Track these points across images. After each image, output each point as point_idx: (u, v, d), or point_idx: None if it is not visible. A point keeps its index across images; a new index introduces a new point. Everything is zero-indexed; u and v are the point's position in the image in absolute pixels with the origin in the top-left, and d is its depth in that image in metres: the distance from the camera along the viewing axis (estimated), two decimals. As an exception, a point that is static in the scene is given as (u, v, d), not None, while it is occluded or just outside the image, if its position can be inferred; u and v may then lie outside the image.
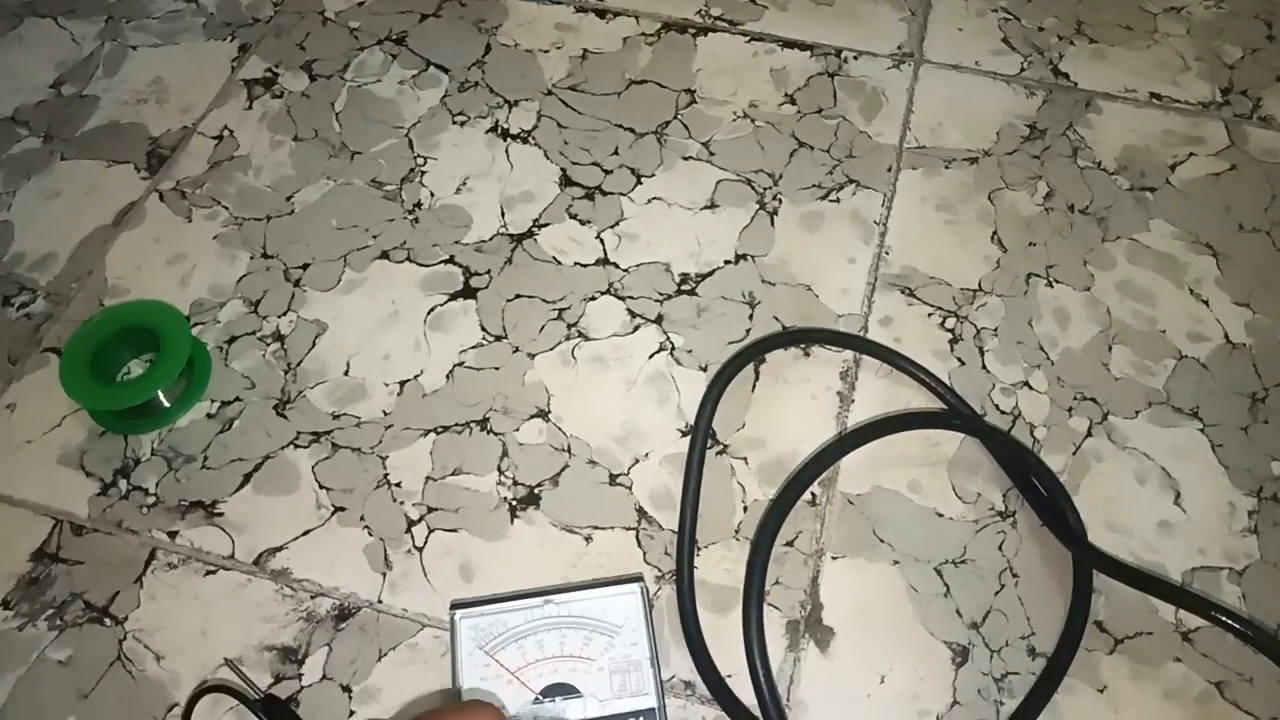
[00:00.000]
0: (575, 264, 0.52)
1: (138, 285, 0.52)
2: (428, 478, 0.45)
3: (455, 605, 0.39)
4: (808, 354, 0.49)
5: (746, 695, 0.39)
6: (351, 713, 0.39)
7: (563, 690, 0.36)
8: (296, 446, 0.46)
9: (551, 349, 0.49)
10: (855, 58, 0.60)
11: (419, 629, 0.41)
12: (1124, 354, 0.48)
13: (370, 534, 0.44)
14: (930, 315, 0.50)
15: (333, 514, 0.44)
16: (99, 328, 0.47)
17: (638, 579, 0.40)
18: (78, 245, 0.53)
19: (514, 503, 0.44)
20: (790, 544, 0.43)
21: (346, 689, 0.40)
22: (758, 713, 0.38)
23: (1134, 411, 0.47)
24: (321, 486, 0.45)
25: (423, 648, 0.41)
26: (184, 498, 0.45)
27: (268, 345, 0.49)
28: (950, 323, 0.50)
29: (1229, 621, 0.38)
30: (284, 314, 0.50)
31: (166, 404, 0.47)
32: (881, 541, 0.43)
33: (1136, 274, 0.51)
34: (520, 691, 0.36)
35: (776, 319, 0.50)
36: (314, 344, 0.49)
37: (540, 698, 0.36)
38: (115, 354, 0.48)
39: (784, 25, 0.61)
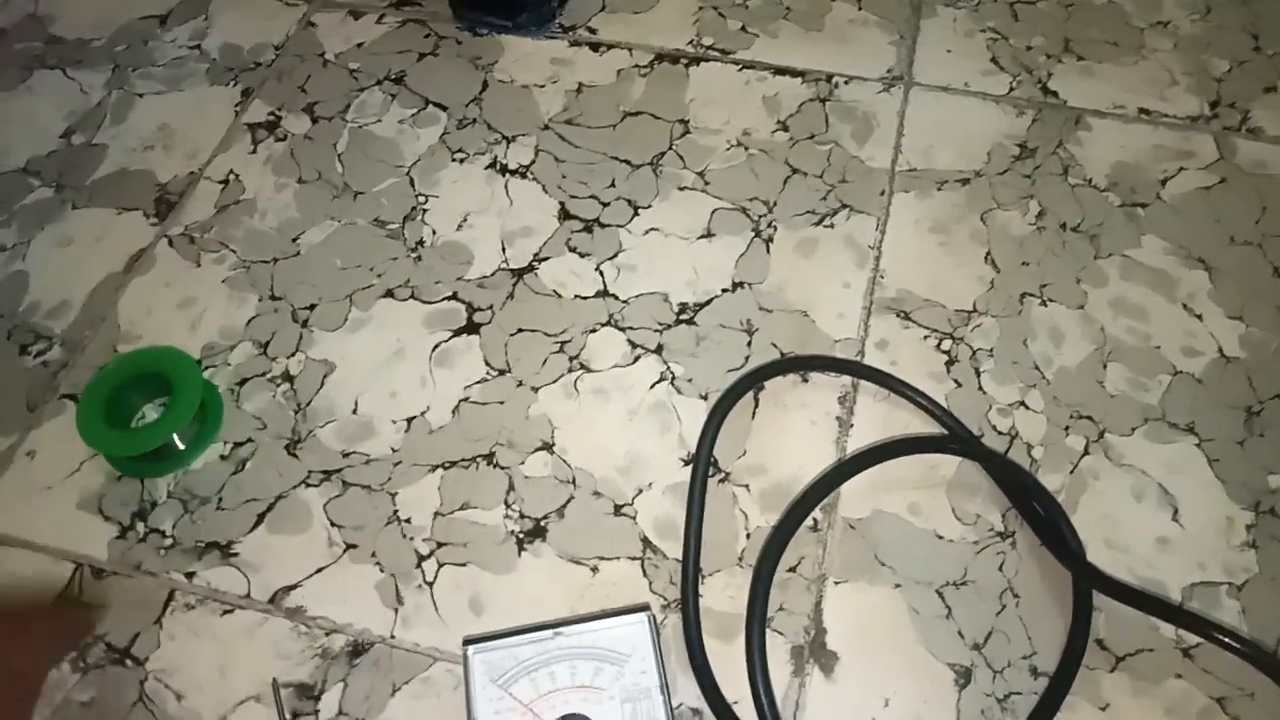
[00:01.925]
0: (575, 296, 0.53)
1: (150, 330, 0.53)
2: (436, 513, 0.46)
3: (468, 641, 0.40)
4: (806, 380, 0.49)
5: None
6: (367, 748, 0.40)
7: (575, 721, 0.37)
8: (308, 485, 0.47)
9: (554, 382, 0.50)
10: (846, 82, 0.61)
11: (431, 663, 0.42)
12: (1119, 371, 0.49)
13: (381, 570, 0.45)
14: (926, 337, 0.51)
15: (344, 551, 0.45)
16: (113, 374, 0.48)
17: (645, 608, 0.41)
18: (90, 292, 0.55)
19: (521, 536, 0.45)
20: (793, 570, 0.44)
21: (362, 725, 0.41)
22: (764, 739, 0.39)
23: (1130, 428, 0.47)
24: (333, 524, 0.46)
25: (435, 681, 0.42)
26: (200, 539, 0.46)
27: (278, 386, 0.50)
28: (946, 344, 0.50)
29: (1226, 640, 0.38)
30: (292, 354, 0.51)
31: (181, 447, 0.48)
32: (883, 565, 0.44)
33: (1129, 290, 0.52)
34: (532, 725, 0.37)
35: (774, 346, 0.51)
36: (322, 383, 0.50)
37: (553, 728, 0.37)
38: (130, 400, 0.49)
39: (775, 53, 0.62)
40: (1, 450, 0.49)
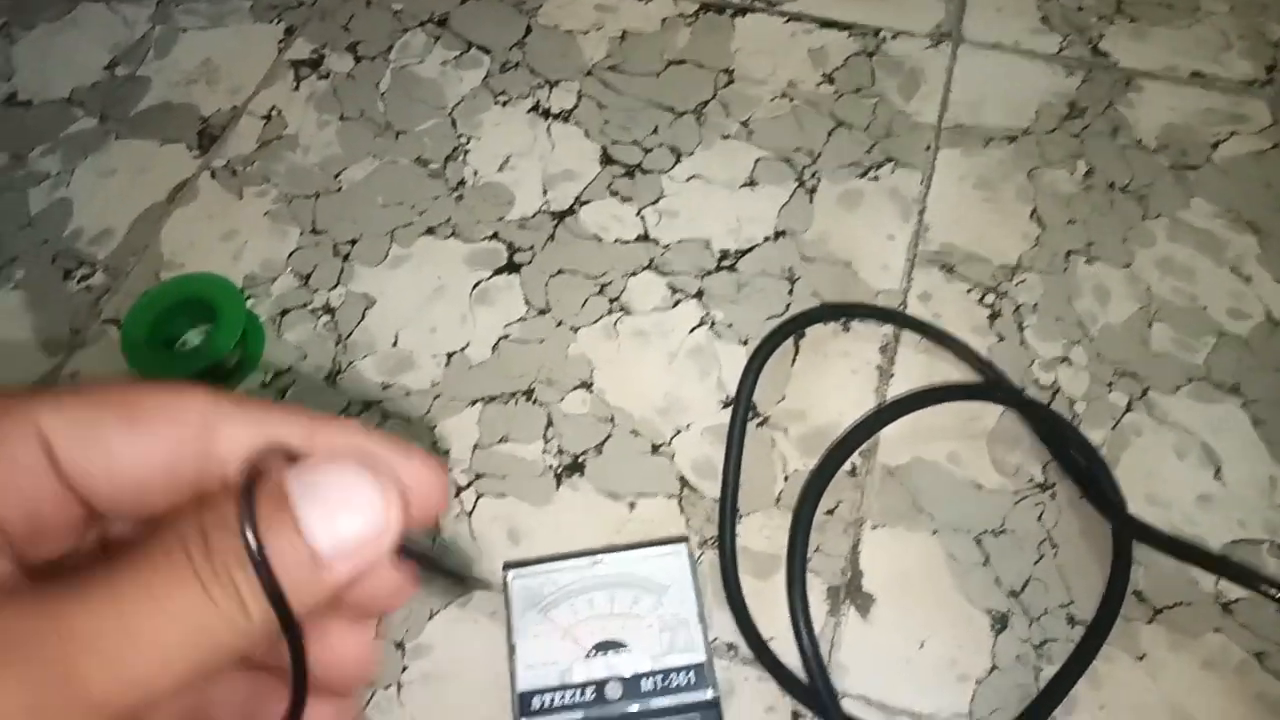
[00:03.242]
0: (616, 240, 0.53)
1: (192, 260, 0.53)
2: (475, 445, 0.46)
3: (508, 565, 0.40)
4: (847, 329, 0.49)
5: (788, 657, 0.40)
6: (404, 668, 0.41)
7: (614, 645, 0.37)
8: (348, 415, 0.47)
9: (594, 323, 0.50)
10: (893, 37, 0.60)
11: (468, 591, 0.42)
12: (1164, 331, 0.49)
13: (420, 499, 0.45)
14: (969, 291, 0.50)
15: (384, 480, 0.45)
16: (157, 299, 0.49)
17: (684, 540, 0.41)
18: (134, 221, 0.55)
19: (559, 470, 0.45)
20: (831, 513, 0.44)
21: (400, 645, 0.41)
22: (800, 674, 0.39)
23: (1174, 387, 0.47)
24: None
25: (473, 607, 0.42)
26: (240, 463, 0.46)
27: (318, 318, 0.51)
28: (989, 299, 0.50)
29: (1273, 591, 0.38)
30: (334, 288, 0.52)
31: (225, 369, 0.48)
32: (921, 511, 0.44)
33: (1177, 251, 0.51)
34: (572, 647, 0.38)
35: (816, 295, 0.50)
36: (363, 317, 0.51)
37: (593, 651, 0.37)
38: (173, 325, 0.49)
39: (821, 5, 0.62)
40: (45, 371, 0.50)
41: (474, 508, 0.45)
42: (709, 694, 0.36)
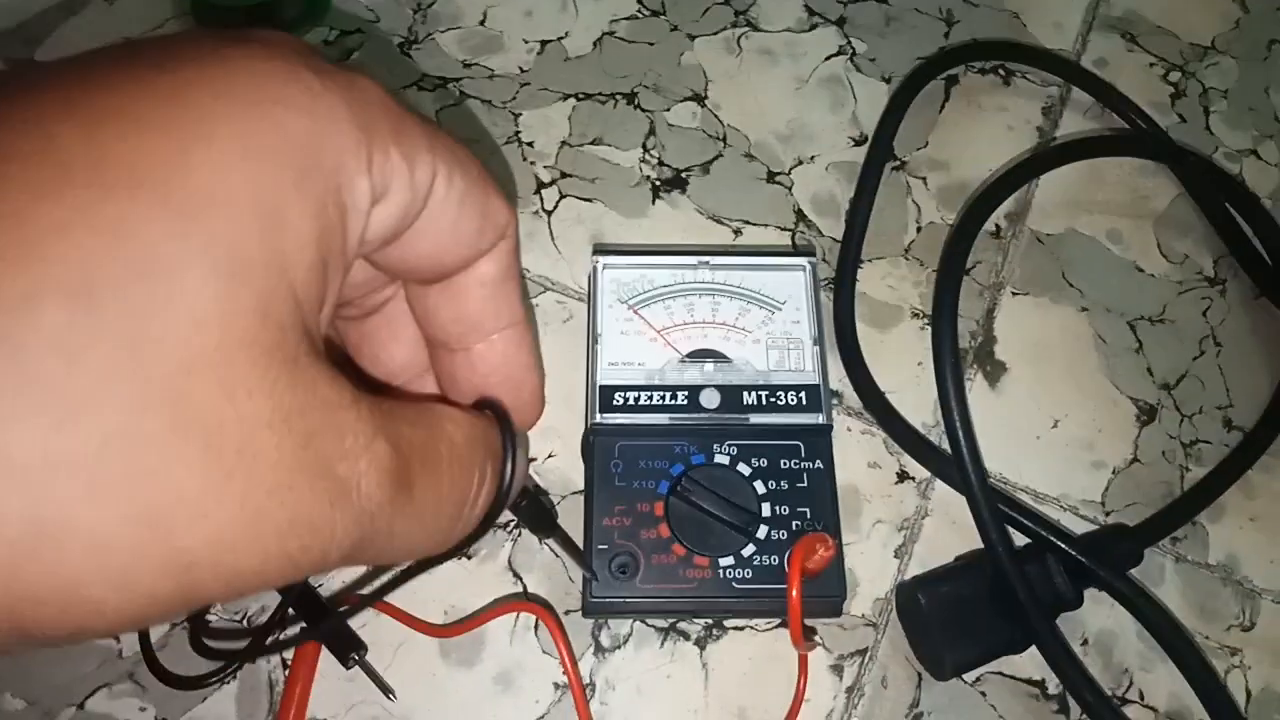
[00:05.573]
0: (749, -49, 0.45)
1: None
2: (563, 142, 0.40)
3: (598, 250, 0.34)
4: (1009, 83, 0.42)
5: (903, 410, 0.34)
6: (461, 361, 0.35)
7: (713, 356, 0.32)
8: (420, 89, 0.41)
9: (714, 33, 0.43)
10: None
11: (542, 291, 0.37)
12: (1373, 138, 0.42)
13: (496, 188, 0.39)
14: (1152, 65, 0.43)
15: (456, 161, 0.39)
16: (214, -74, 0.41)
17: (809, 253, 0.35)
18: None
19: (658, 183, 0.39)
20: (967, 272, 0.38)
21: (459, 335, 0.36)
22: (918, 428, 0.34)
23: (1379, 198, 0.40)
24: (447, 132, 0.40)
25: (545, 310, 0.36)
26: (293, 120, 0.40)
27: (396, -18, 0.43)
28: (1174, 76, 0.43)
29: None
30: (416, -46, 0.44)
31: (285, 16, 0.41)
32: (1070, 285, 0.38)
33: (1402, 56, 0.43)
34: (664, 351, 0.32)
35: (975, 43, 0.43)
36: (447, -11, 0.43)
37: (686, 359, 0.32)
38: (230, -41, 0.42)
39: None
40: (78, -5, 0.43)
41: (555, 207, 0.38)
42: (820, 418, 0.31)
